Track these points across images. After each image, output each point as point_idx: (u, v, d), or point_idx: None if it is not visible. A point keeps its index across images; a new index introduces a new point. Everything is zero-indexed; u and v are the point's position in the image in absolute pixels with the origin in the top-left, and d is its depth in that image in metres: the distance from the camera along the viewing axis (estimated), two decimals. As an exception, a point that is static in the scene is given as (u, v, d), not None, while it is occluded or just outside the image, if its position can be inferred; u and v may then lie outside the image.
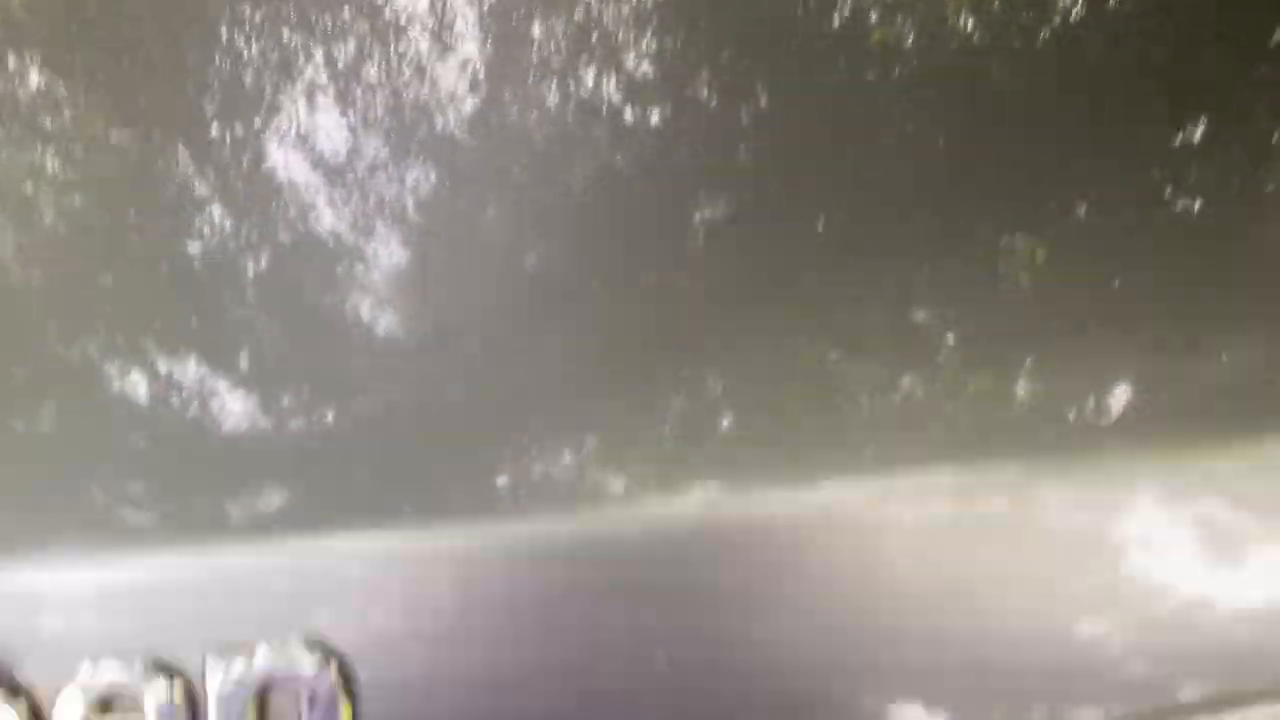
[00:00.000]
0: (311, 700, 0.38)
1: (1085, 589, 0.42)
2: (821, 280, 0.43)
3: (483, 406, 0.39)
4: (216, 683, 0.38)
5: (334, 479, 0.39)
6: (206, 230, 0.39)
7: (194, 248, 0.39)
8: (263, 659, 0.38)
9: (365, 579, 0.39)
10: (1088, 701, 0.42)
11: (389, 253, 0.40)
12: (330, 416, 0.38)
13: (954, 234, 0.43)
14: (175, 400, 0.37)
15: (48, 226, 0.38)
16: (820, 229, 0.43)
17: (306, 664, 0.38)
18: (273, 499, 0.38)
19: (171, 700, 0.37)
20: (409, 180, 0.41)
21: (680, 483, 0.41)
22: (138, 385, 0.37)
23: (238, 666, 0.38)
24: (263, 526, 0.39)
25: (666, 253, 0.42)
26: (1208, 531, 0.43)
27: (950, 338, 0.43)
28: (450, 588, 0.39)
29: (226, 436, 0.37)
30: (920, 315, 0.43)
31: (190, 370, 0.37)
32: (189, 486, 0.37)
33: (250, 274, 0.39)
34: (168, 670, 0.38)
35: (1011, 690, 0.42)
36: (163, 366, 0.37)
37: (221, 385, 0.38)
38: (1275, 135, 0.43)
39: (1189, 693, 0.42)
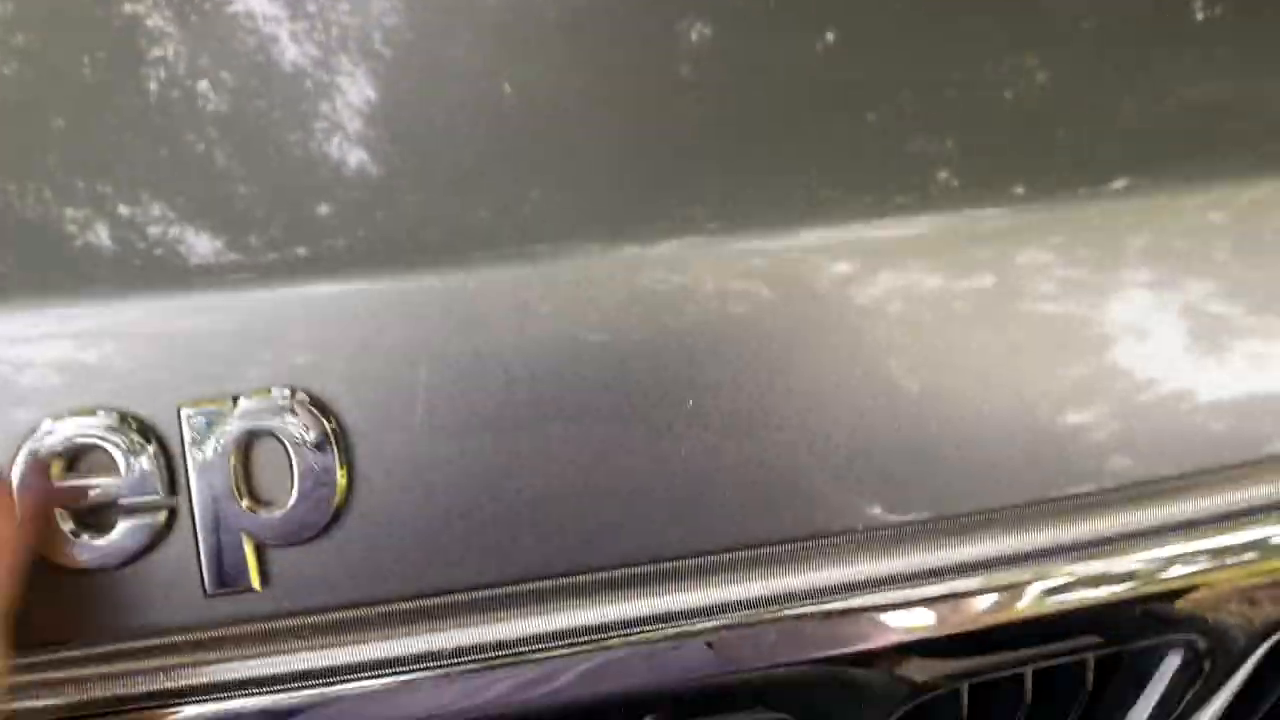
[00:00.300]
0: (303, 462, 0.37)
1: (1070, 378, 0.42)
2: (815, 109, 0.41)
3: (457, 241, 0.38)
4: (195, 439, 0.36)
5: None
6: (163, 66, 0.37)
7: (150, 84, 0.36)
8: (246, 413, 0.37)
9: (355, 327, 0.37)
10: (1069, 487, 0.42)
11: (356, 87, 0.38)
12: (302, 252, 0.36)
13: (955, 56, 0.42)
14: (140, 245, 0.36)
15: (-8, 66, 0.36)
16: (815, 52, 0.41)
17: (296, 419, 0.37)
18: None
19: (145, 458, 0.36)
20: (374, 9, 0.39)
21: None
22: (100, 231, 0.35)
23: (219, 420, 0.36)
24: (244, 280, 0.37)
25: (652, 80, 0.40)
26: (1196, 322, 0.43)
27: (946, 167, 0.41)
28: (443, 333, 0.38)
29: (195, 283, 0.36)
30: (916, 145, 0.41)
31: (154, 214, 0.36)
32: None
33: (211, 112, 0.37)
34: (140, 426, 0.36)
35: (991, 479, 0.42)
36: (124, 211, 0.36)
37: (187, 230, 0.36)
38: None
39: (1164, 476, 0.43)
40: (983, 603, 0.42)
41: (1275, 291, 0.43)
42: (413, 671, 0.39)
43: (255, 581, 0.37)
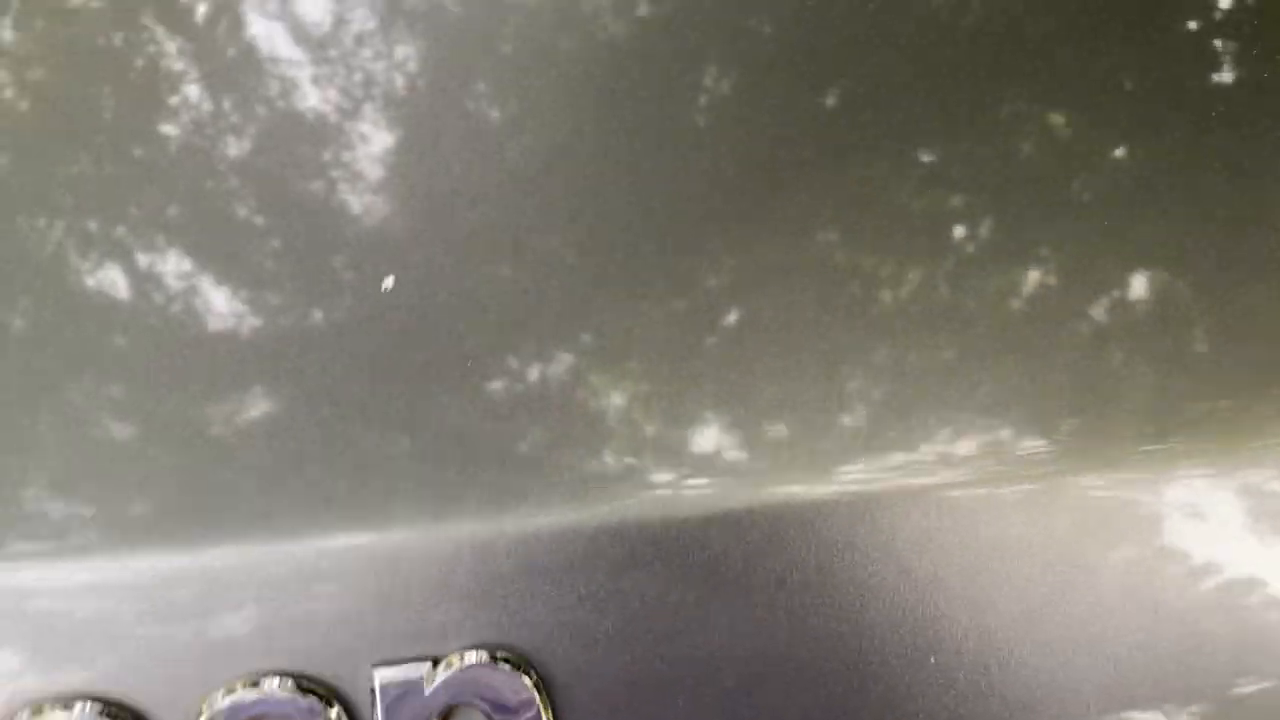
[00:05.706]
0: None
1: (1121, 572, 0.39)
2: (829, 165, 0.41)
3: (475, 303, 0.37)
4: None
5: (322, 381, 0.35)
6: (182, 109, 0.36)
7: (169, 129, 0.36)
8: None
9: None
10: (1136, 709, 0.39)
11: (378, 136, 0.38)
12: (319, 315, 0.36)
13: (973, 113, 0.41)
14: (156, 297, 0.35)
15: (8, 103, 0.35)
16: (829, 106, 0.41)
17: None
18: (259, 404, 0.35)
19: None
20: (397, 55, 0.38)
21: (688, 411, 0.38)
22: (115, 280, 0.35)
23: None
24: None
25: (667, 134, 0.40)
26: (1255, 502, 0.40)
27: (963, 227, 0.41)
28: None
29: (211, 336, 0.35)
30: (932, 203, 0.41)
31: (170, 264, 0.35)
32: (172, 393, 0.34)
33: (231, 158, 0.36)
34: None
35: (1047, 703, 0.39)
36: (141, 260, 0.35)
37: (204, 281, 0.36)
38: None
39: (1243, 689, 0.39)
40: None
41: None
42: None
43: None
